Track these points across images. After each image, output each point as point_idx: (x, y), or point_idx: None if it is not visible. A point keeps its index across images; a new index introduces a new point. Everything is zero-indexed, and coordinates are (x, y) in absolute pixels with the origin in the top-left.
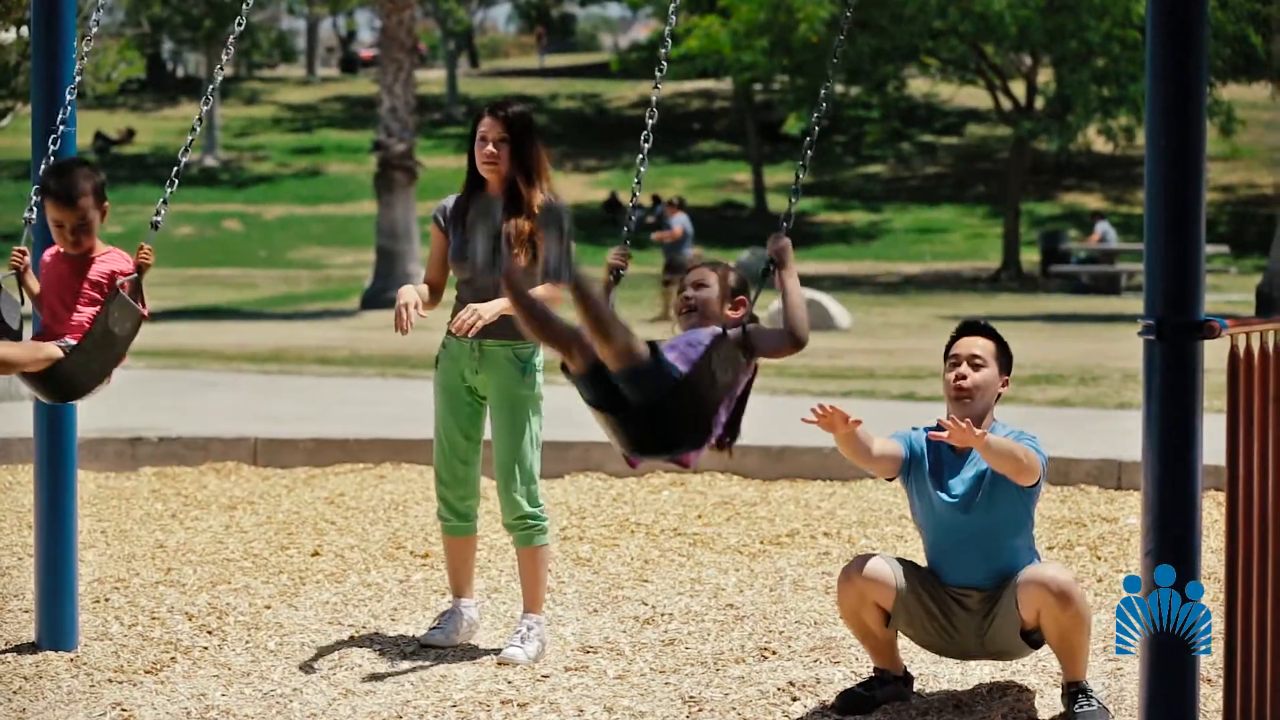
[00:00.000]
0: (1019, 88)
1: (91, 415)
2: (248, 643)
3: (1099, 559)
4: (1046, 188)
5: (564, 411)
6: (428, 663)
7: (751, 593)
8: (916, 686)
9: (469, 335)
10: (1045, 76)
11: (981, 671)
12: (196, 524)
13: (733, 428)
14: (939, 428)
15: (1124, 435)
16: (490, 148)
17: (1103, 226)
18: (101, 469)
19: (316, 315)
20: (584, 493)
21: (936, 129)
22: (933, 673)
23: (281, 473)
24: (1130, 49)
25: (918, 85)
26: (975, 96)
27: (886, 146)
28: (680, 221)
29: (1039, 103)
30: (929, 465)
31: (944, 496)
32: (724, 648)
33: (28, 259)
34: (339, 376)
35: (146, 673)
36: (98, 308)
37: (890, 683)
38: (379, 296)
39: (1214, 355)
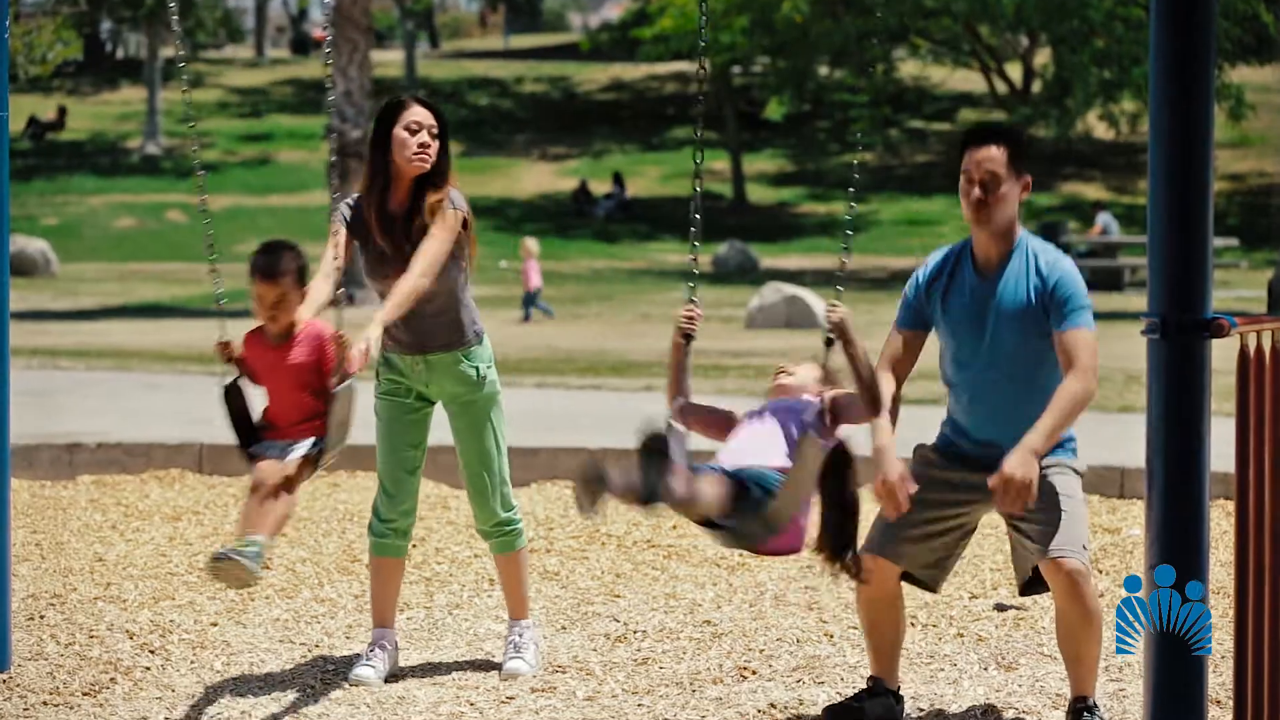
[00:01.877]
0: (1015, 70)
1: (25, 420)
2: (193, 663)
3: (1101, 573)
4: (1044, 177)
5: (529, 416)
6: (384, 684)
7: (730, 608)
8: (908, 705)
9: (364, 368)
10: (1043, 58)
11: (976, 691)
12: (138, 536)
13: (840, 534)
14: (960, 294)
15: (1127, 441)
16: (425, 138)
17: (1104, 218)
18: (36, 477)
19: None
20: (551, 502)
21: (927, 114)
22: (925, 693)
23: (229, 481)
24: (1134, 28)
25: (907, 68)
26: (968, 80)
27: (874, 133)
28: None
29: (1036, 86)
30: (941, 294)
31: (962, 328)
32: (700, 667)
33: (233, 345)
34: None
35: (84, 695)
36: (310, 392)
37: (882, 695)
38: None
39: (1222, 355)
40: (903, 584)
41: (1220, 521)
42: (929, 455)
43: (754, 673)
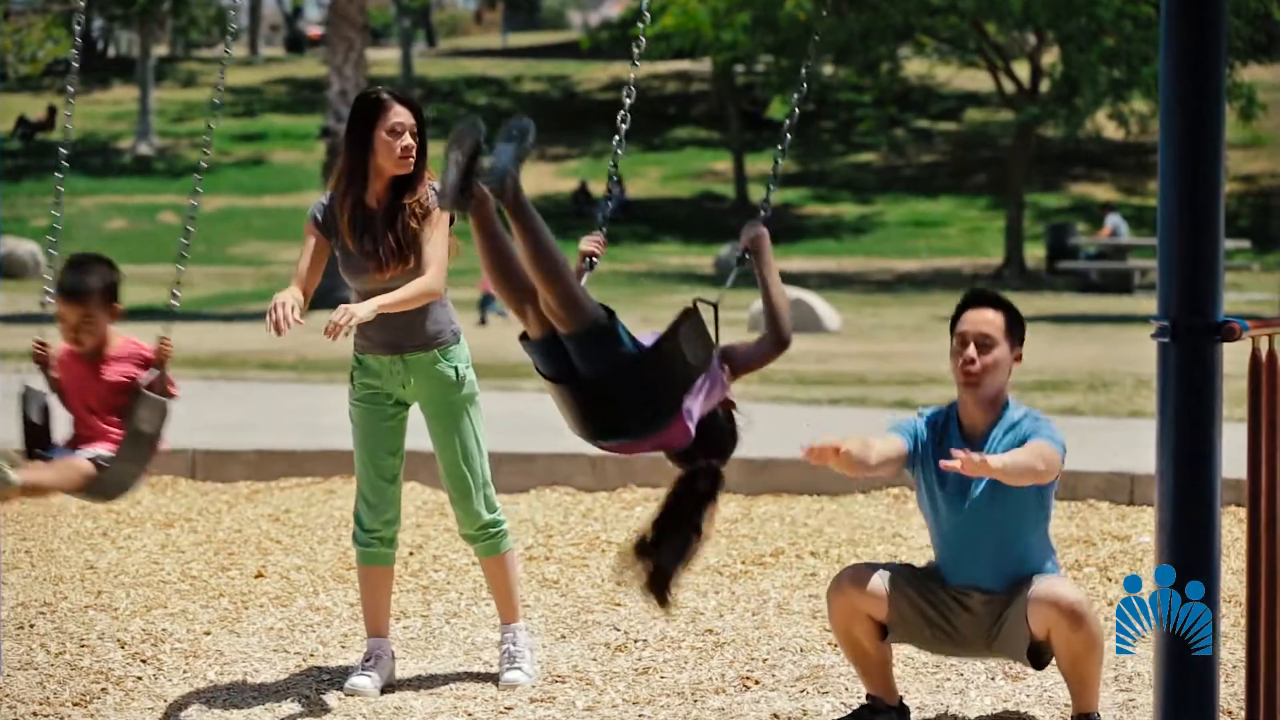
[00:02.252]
0: (1023, 69)
1: (10, 428)
2: (185, 672)
3: (1110, 581)
4: (1052, 177)
5: (528, 421)
6: (380, 694)
7: (733, 617)
8: (913, 716)
9: (337, 336)
10: (1051, 57)
11: (983, 702)
12: (129, 543)
13: (714, 441)
14: (948, 456)
15: (1136, 446)
16: (408, 140)
17: (1113, 220)
18: None
19: (260, 316)
20: (550, 509)
21: (933, 114)
22: (931, 703)
23: (222, 487)
24: (1143, 27)
25: (913, 66)
26: (975, 79)
27: (879, 133)
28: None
29: (1044, 85)
30: (932, 453)
31: (948, 489)
32: (703, 677)
33: (50, 350)
34: (285, 383)
35: (75, 705)
36: (117, 417)
37: (883, 712)
38: (327, 296)
39: (1234, 359)
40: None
41: (1232, 528)
42: (918, 583)
43: (757, 683)
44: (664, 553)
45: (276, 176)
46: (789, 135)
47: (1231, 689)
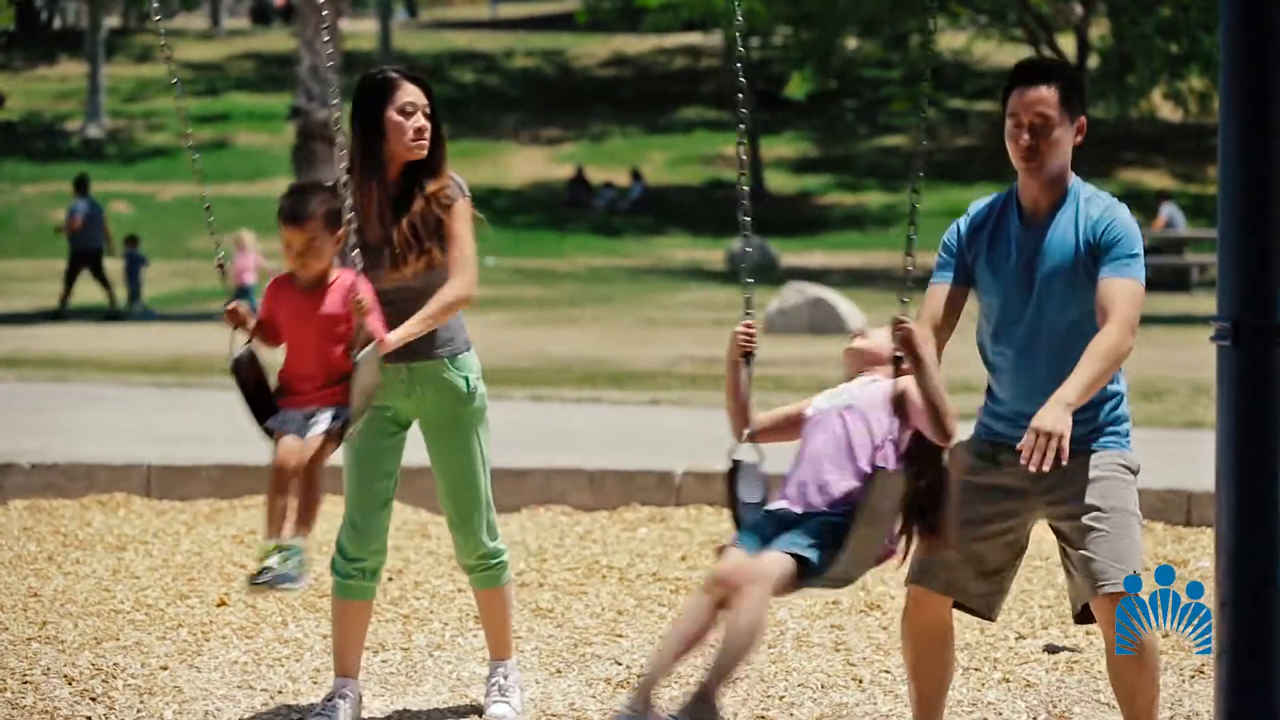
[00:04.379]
0: (1068, 43)
1: None
2: (140, 711)
3: None
4: (1101, 163)
5: (519, 432)
6: None
7: None
8: None
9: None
10: (1100, 29)
11: None
12: (78, 568)
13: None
14: (1006, 241)
15: (1194, 460)
16: (420, 120)
17: (1169, 210)
18: None
19: (222, 317)
20: (545, 530)
21: (968, 93)
22: None
23: (180, 506)
24: None
25: (946, 40)
26: (1016, 54)
27: (909, 114)
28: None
29: (1093, 61)
30: (986, 244)
31: (1009, 282)
32: None
33: (247, 311)
34: None
35: None
36: (340, 349)
37: None
38: None
39: None
40: (954, 617)
41: None
42: (965, 460)
43: None
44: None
45: (241, 162)
46: (914, 201)
47: None
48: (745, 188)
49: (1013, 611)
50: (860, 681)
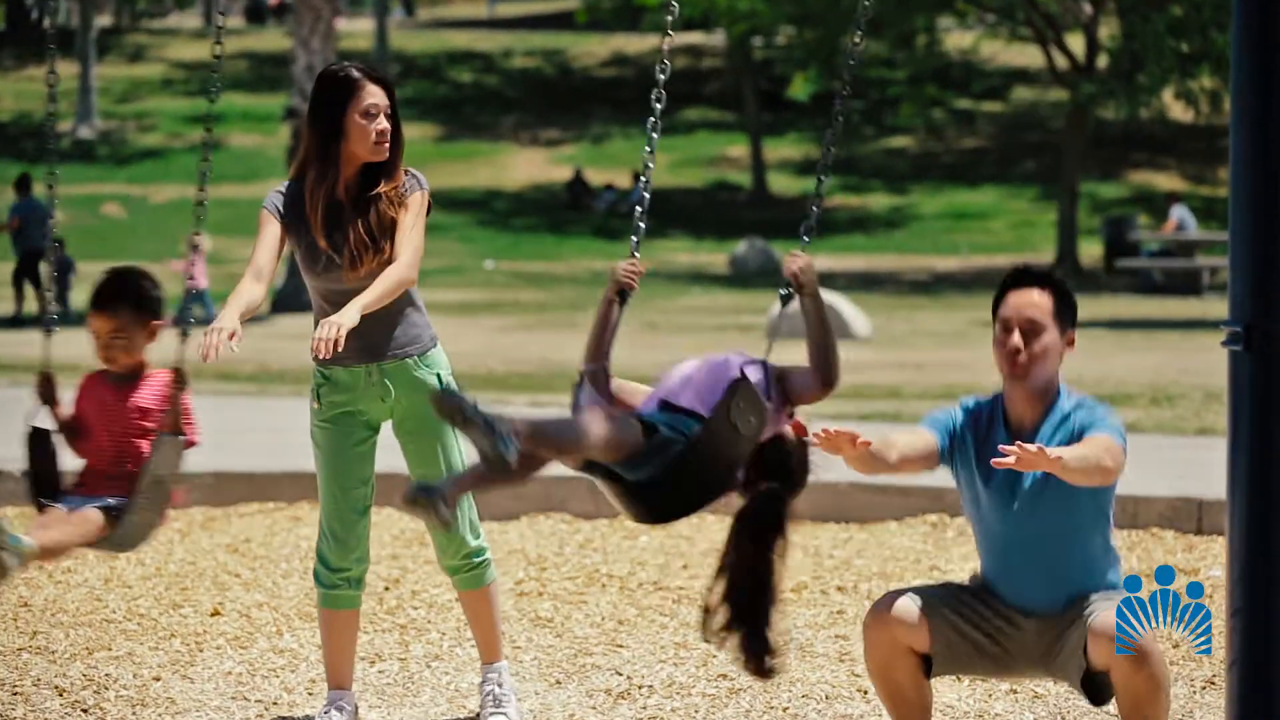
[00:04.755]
0: (1077, 41)
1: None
2: None
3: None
4: (1111, 164)
5: None
6: None
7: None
8: None
9: (331, 354)
10: (1110, 28)
11: None
12: (69, 577)
13: (775, 466)
14: (994, 453)
15: (1205, 467)
16: (383, 122)
17: (1179, 212)
18: None
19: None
20: (544, 538)
21: (976, 93)
22: None
23: (173, 514)
24: None
25: (953, 40)
26: (1024, 53)
27: (915, 115)
28: None
29: (1102, 60)
30: (974, 450)
31: (994, 486)
32: None
33: (56, 384)
34: (244, 396)
35: None
36: (146, 442)
37: None
38: (295, 298)
39: None
40: None
41: None
42: (955, 591)
43: None
44: (739, 612)
45: (235, 163)
46: (838, 120)
47: None
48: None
49: None
50: (865, 693)
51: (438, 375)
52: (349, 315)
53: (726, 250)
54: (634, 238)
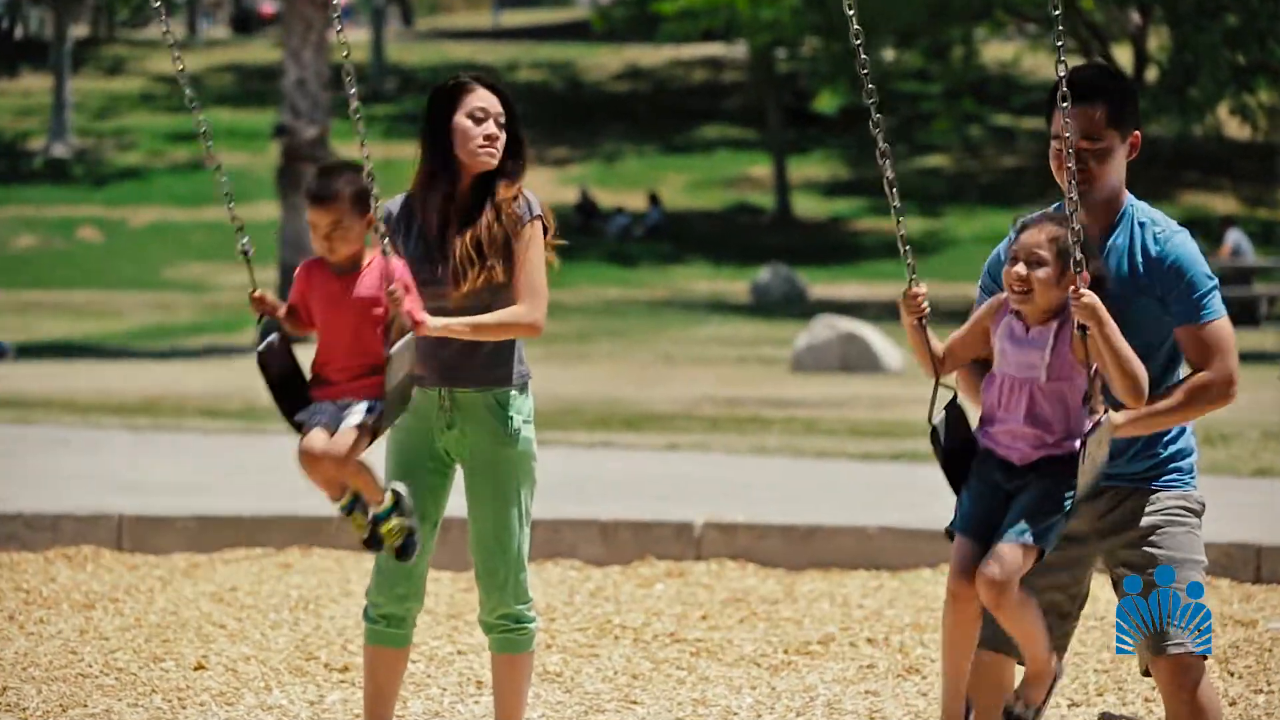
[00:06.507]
0: (1124, 54)
1: None
2: None
3: (1231, 675)
4: (1161, 185)
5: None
6: None
7: (773, 717)
8: None
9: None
10: (1159, 38)
11: None
12: (41, 628)
13: None
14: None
15: (1263, 511)
16: (492, 127)
17: (1235, 236)
18: None
19: (201, 353)
20: (553, 586)
21: (1015, 108)
22: None
23: (154, 560)
24: (1274, 0)
25: (992, 52)
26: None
27: (950, 132)
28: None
29: (1151, 73)
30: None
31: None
32: None
33: (268, 296)
34: (231, 434)
35: None
36: (378, 334)
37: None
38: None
39: None
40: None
41: None
42: None
43: None
44: None
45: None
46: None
47: None
48: None
49: (1065, 675)
50: None
51: (510, 418)
52: (439, 320)
53: (748, 277)
54: (909, 261)
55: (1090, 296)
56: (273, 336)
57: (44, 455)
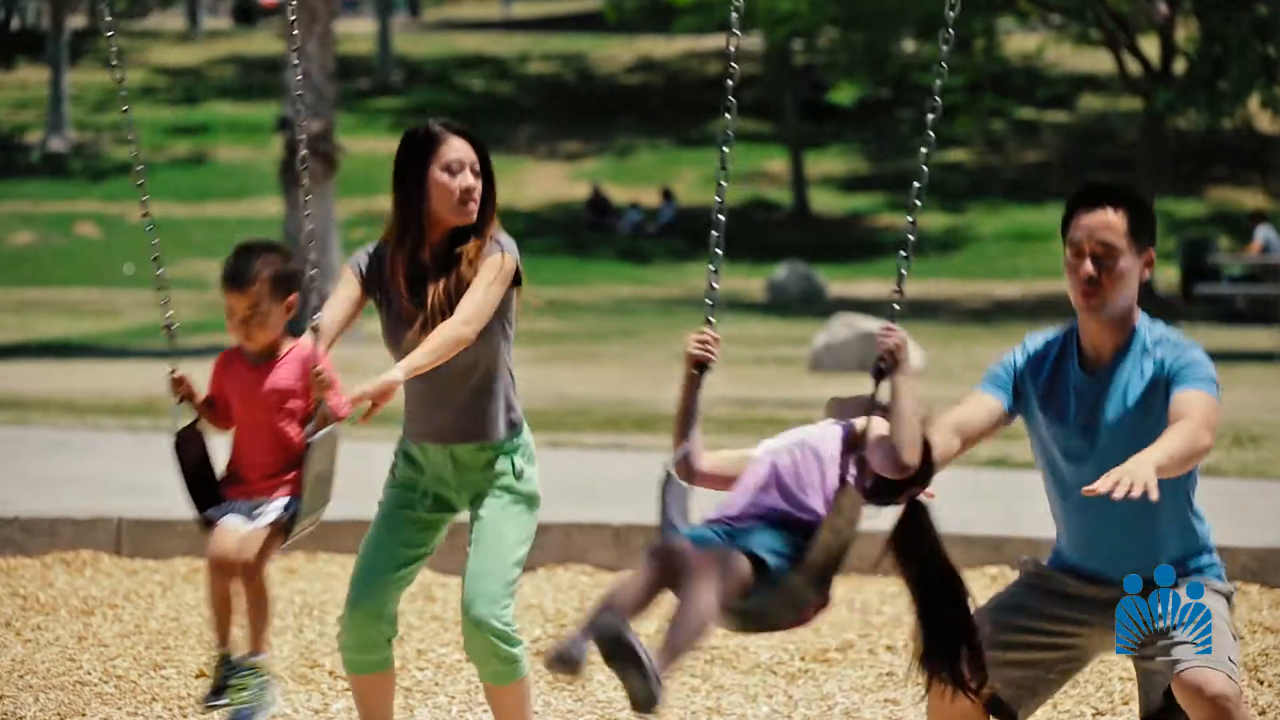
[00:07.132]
0: (1151, 45)
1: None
2: None
3: (1260, 684)
4: (1189, 180)
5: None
6: None
7: None
8: None
9: (368, 412)
10: (1188, 29)
11: None
12: (39, 635)
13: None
14: (1065, 392)
15: None
16: (469, 179)
17: (1265, 233)
18: None
19: (201, 352)
20: (563, 592)
21: (1039, 101)
22: None
23: (154, 565)
24: None
25: (1015, 43)
26: (1092, 58)
27: (972, 126)
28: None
29: (1179, 65)
30: (1045, 390)
31: (1063, 444)
32: None
33: (189, 378)
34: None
35: None
36: (294, 429)
37: None
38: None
39: None
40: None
41: None
42: (1036, 567)
43: None
44: (928, 636)
45: (222, 179)
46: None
47: None
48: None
49: (1089, 684)
50: None
51: (511, 461)
52: (394, 372)
53: (763, 275)
54: (708, 300)
55: (899, 335)
56: (187, 426)
57: (42, 457)
